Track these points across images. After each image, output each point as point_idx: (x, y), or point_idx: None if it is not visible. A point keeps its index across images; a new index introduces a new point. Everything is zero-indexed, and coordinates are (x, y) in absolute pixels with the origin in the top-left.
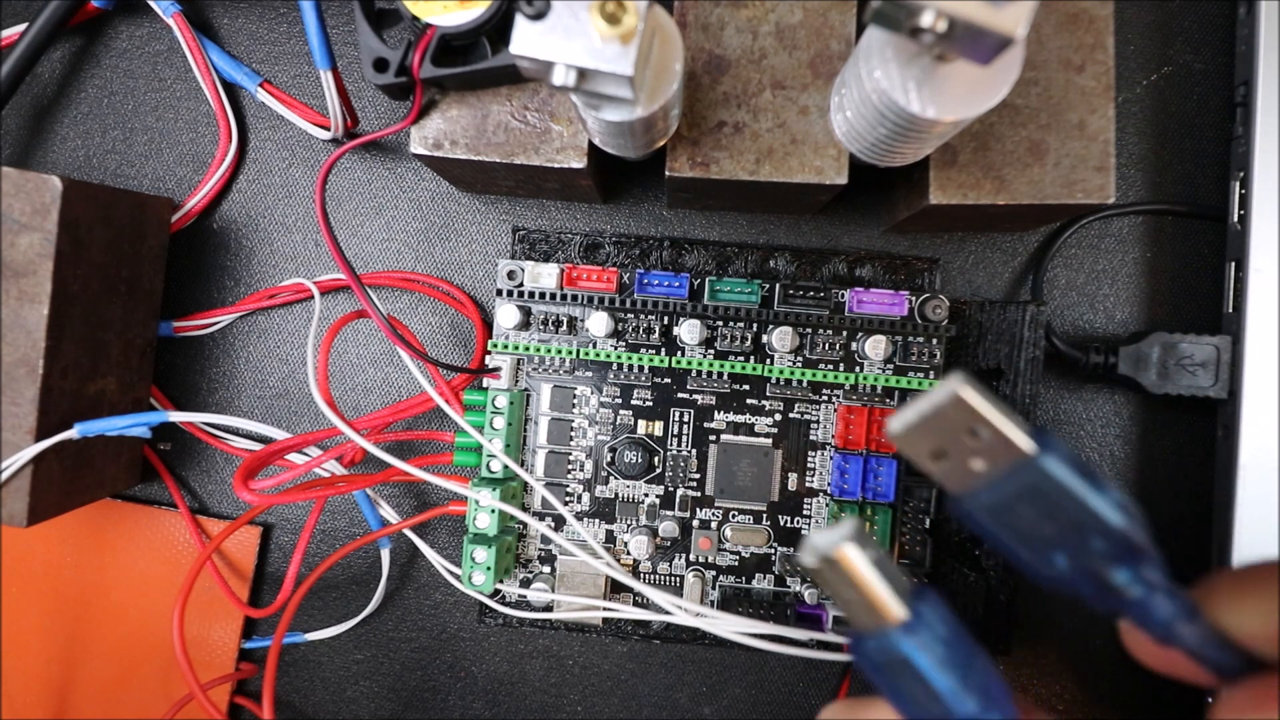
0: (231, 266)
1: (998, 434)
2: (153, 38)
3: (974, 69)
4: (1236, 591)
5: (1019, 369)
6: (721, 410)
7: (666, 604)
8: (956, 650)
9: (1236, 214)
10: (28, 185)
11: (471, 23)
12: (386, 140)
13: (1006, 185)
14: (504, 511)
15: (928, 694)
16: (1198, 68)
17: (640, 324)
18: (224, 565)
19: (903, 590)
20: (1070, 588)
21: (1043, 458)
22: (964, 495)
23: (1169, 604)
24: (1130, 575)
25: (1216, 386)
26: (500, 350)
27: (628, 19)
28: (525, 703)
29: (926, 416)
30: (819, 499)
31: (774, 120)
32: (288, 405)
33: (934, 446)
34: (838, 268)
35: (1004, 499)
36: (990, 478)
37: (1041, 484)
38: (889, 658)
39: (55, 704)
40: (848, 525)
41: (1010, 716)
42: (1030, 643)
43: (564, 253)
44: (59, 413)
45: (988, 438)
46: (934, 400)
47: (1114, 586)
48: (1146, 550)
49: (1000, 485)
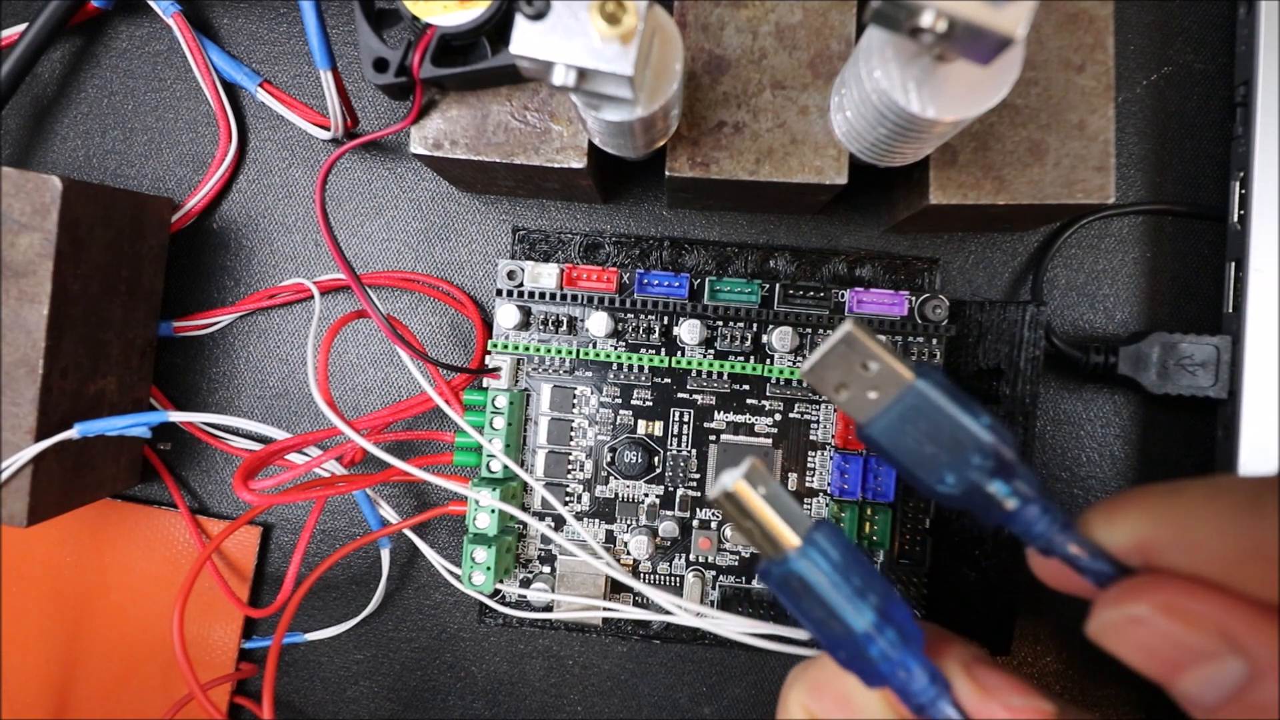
0: (231, 266)
1: (885, 365)
2: (153, 38)
3: (974, 69)
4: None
5: (1019, 369)
6: (721, 410)
7: (667, 604)
8: (849, 572)
9: (1236, 214)
10: (28, 185)
11: (471, 23)
12: (386, 140)
13: (1006, 185)
14: (504, 511)
15: (825, 611)
16: (1198, 68)
17: (640, 324)
18: (224, 565)
19: (799, 522)
20: (963, 504)
21: (919, 381)
22: (865, 422)
23: (1043, 516)
24: (1006, 488)
25: (1216, 386)
26: (500, 350)
27: (628, 19)
28: (525, 703)
29: (826, 354)
30: (819, 499)
31: (774, 120)
32: (288, 405)
33: (837, 381)
34: (838, 268)
35: (895, 422)
36: (883, 404)
37: (922, 405)
38: (787, 580)
39: (55, 704)
40: (746, 463)
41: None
42: (1030, 643)
43: (564, 253)
44: (59, 413)
45: (877, 370)
46: (832, 340)
47: (995, 499)
48: (1016, 464)
49: (891, 410)
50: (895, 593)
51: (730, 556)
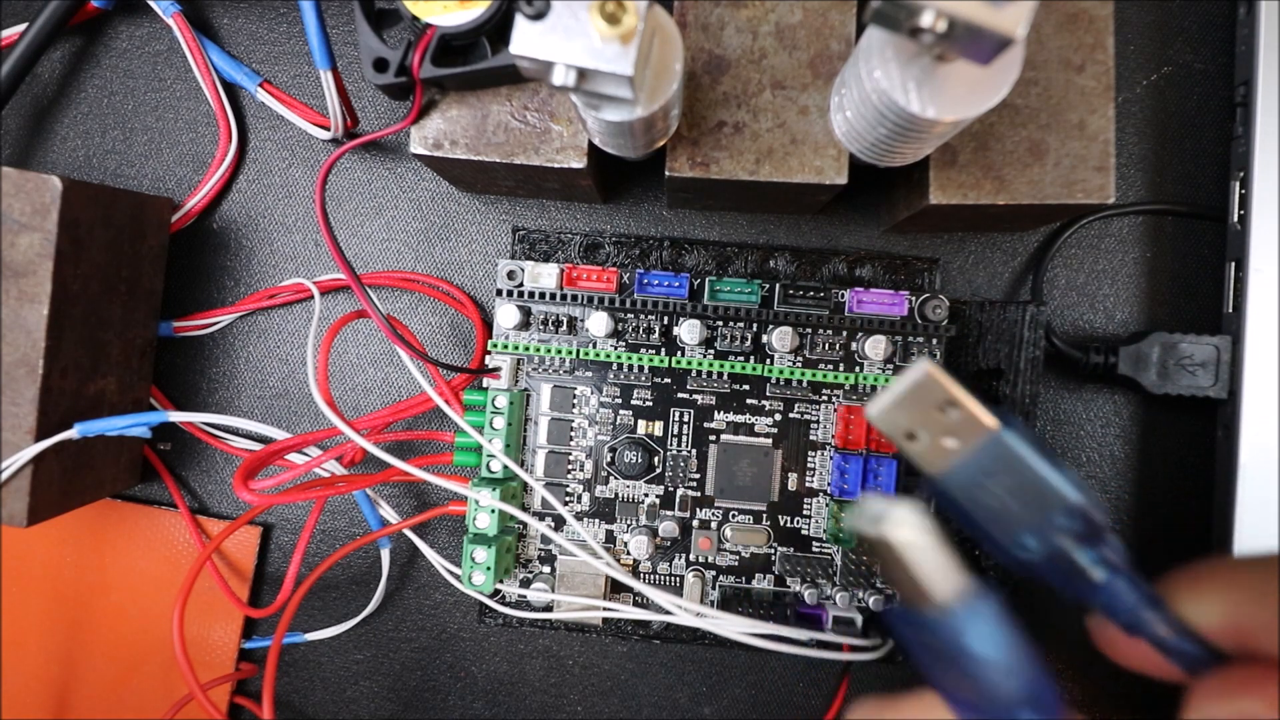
0: (231, 266)
1: (965, 411)
2: (153, 38)
3: (974, 69)
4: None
5: (1019, 369)
6: (721, 410)
7: (667, 604)
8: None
9: (1236, 214)
10: (28, 185)
11: (471, 23)
12: (386, 140)
13: (1006, 185)
14: (504, 511)
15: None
16: (1198, 68)
17: (640, 324)
18: (224, 565)
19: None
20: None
21: (1005, 432)
22: (941, 475)
23: (1132, 590)
24: (1093, 556)
25: (1216, 386)
26: (500, 350)
27: (628, 19)
28: (525, 703)
29: (901, 397)
30: (819, 499)
31: (774, 120)
32: (288, 405)
33: (908, 427)
34: (838, 268)
35: (973, 476)
36: (960, 455)
37: (1006, 458)
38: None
39: (55, 704)
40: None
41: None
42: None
43: (564, 253)
44: (59, 413)
45: (956, 417)
46: (908, 381)
47: (1079, 568)
48: (1105, 529)
49: (969, 462)
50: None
51: (730, 557)
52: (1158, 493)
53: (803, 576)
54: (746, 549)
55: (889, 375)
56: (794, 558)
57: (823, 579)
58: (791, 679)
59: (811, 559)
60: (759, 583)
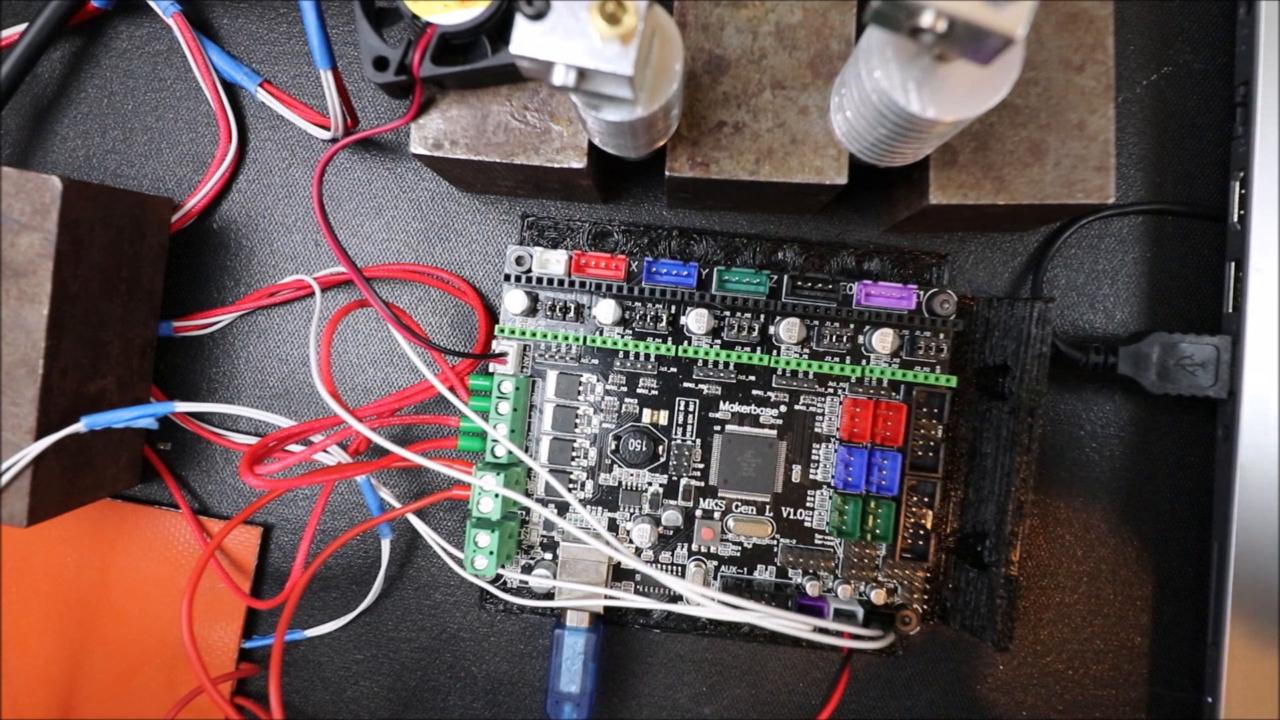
0: (231, 266)
1: None
2: (153, 38)
3: (974, 69)
4: None
5: (1025, 366)
6: (727, 400)
7: (675, 585)
8: None
9: (1236, 214)
10: (28, 185)
11: (471, 22)
12: (386, 140)
13: (1006, 185)
14: (507, 497)
15: None
16: (1198, 68)
17: (648, 312)
18: (226, 564)
19: None
20: None
21: None
22: None
23: None
24: None
25: (1216, 386)
26: (507, 336)
27: (628, 19)
28: (525, 703)
29: None
30: (822, 491)
31: (774, 120)
32: (288, 404)
33: None
34: (846, 260)
35: None
36: None
37: None
38: None
39: (57, 704)
40: None
41: None
42: (1030, 641)
43: (572, 239)
44: (59, 413)
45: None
46: None
47: None
48: None
49: None
50: None
51: (732, 547)
52: (1158, 493)
53: (805, 568)
54: (749, 540)
55: (895, 369)
56: (796, 549)
57: (825, 571)
58: (791, 679)
59: (814, 551)
60: (761, 573)
